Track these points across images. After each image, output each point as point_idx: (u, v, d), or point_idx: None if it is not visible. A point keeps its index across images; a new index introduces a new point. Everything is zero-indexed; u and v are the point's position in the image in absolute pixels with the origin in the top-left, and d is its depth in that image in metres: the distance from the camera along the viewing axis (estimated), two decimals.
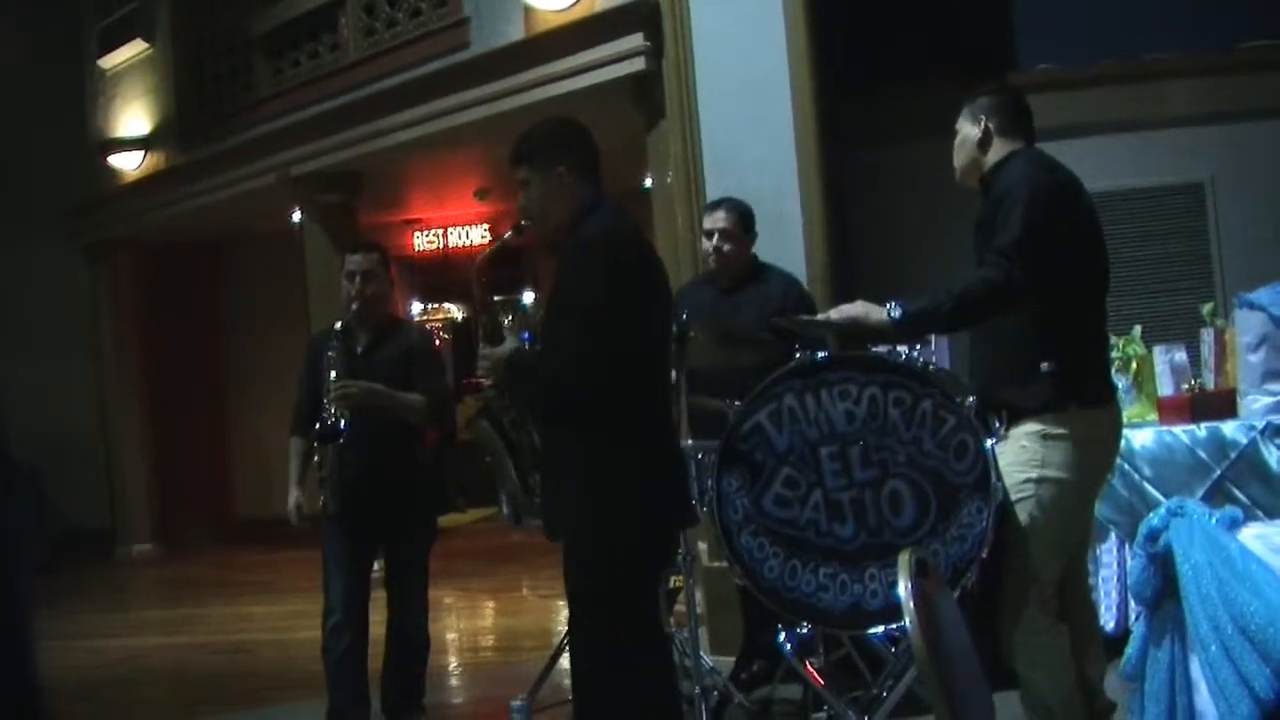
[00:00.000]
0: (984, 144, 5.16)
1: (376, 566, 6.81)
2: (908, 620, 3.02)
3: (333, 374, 6.42)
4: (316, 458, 6.52)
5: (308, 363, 6.79)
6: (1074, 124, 8.83)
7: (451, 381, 6.96)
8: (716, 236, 6.98)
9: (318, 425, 6.39)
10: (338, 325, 6.68)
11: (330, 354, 6.50)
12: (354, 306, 6.61)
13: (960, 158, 5.24)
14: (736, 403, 5.45)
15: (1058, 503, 4.91)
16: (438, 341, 18.62)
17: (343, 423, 6.32)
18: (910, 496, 5.17)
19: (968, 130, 5.23)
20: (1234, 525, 3.97)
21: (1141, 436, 6.84)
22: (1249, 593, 3.77)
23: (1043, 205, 4.79)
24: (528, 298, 18.16)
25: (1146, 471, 6.79)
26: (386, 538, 6.68)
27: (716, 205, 7.19)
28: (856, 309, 5.04)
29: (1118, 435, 5.17)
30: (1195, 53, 9.23)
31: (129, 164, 16.60)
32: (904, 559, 3.18)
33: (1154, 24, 9.18)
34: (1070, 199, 4.96)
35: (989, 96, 5.25)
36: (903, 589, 3.07)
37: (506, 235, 4.99)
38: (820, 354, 5.34)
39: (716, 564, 7.74)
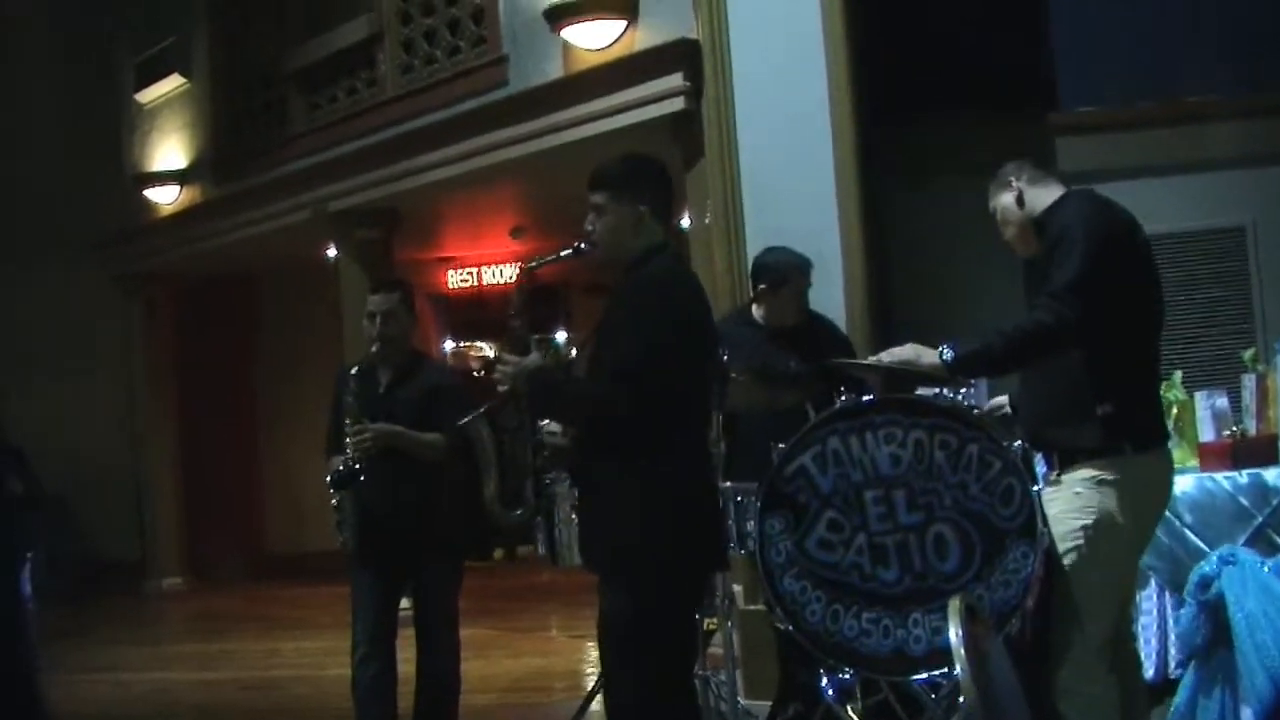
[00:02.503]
0: (1021, 201, 5.15)
1: (406, 604, 6.77)
2: (959, 668, 2.98)
3: (348, 419, 6.46)
4: (334, 501, 6.51)
5: (335, 395, 6.80)
6: (1114, 166, 8.77)
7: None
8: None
9: (333, 473, 6.41)
10: (353, 369, 6.69)
11: (348, 398, 6.53)
12: (374, 348, 6.64)
13: (1010, 229, 5.22)
14: (780, 445, 5.41)
15: (1113, 549, 4.87)
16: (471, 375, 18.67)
17: (358, 468, 6.33)
18: (955, 541, 5.14)
19: (1004, 200, 5.22)
20: None
21: (1182, 482, 6.76)
22: None
23: (1098, 247, 4.77)
24: (560, 336, 18.15)
25: (1187, 518, 6.69)
26: (411, 576, 6.66)
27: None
28: (908, 351, 5.02)
29: (1170, 480, 5.14)
30: (1236, 95, 9.17)
31: (165, 198, 16.67)
32: (954, 605, 3.14)
33: (1195, 66, 9.11)
34: (1126, 240, 4.94)
35: (1007, 163, 5.26)
36: (954, 636, 3.03)
37: (564, 251, 4.93)
38: (865, 397, 5.31)
39: (753, 607, 7.69)
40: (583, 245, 4.85)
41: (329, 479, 6.44)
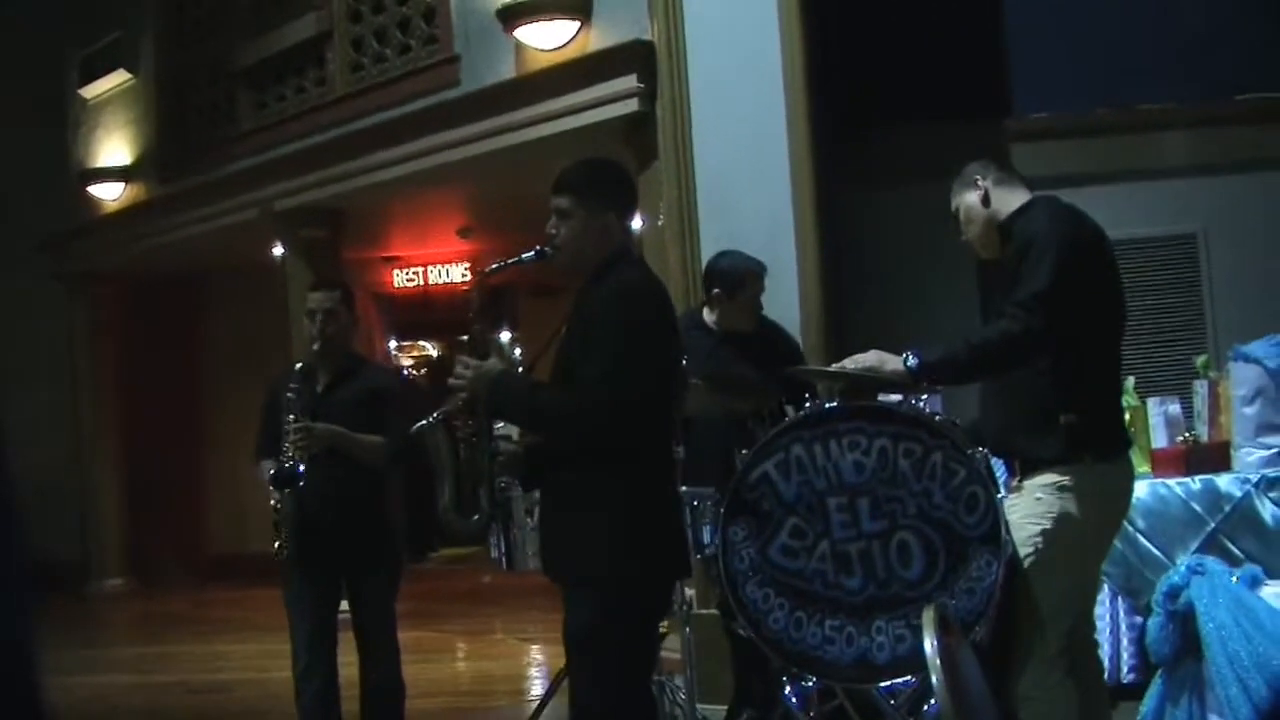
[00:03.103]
0: (987, 201, 5.13)
1: (344, 606, 6.70)
2: (934, 677, 2.97)
3: (291, 416, 6.34)
4: (272, 501, 6.43)
5: (268, 397, 6.70)
6: (1067, 173, 8.80)
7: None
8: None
9: (274, 470, 6.33)
10: (298, 365, 6.59)
11: (289, 395, 6.40)
12: (315, 346, 6.55)
13: (973, 229, 5.20)
14: (744, 451, 5.39)
15: (1072, 555, 4.89)
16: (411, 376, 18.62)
17: (300, 467, 6.26)
18: (919, 548, 5.13)
19: (969, 199, 5.20)
20: (1255, 583, 3.94)
21: (1136, 489, 6.77)
22: None
23: (1068, 257, 4.77)
24: (505, 337, 18.14)
25: (1140, 524, 6.73)
26: (348, 579, 6.59)
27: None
28: (871, 358, 5.01)
29: (1131, 488, 5.15)
30: (1190, 104, 9.24)
31: (109, 194, 16.52)
32: (928, 616, 3.13)
33: (1149, 74, 9.19)
34: (1094, 250, 4.95)
35: (972, 163, 5.25)
36: (928, 645, 3.02)
37: (524, 255, 4.78)
38: (830, 404, 5.30)
39: (703, 611, 7.67)
40: (545, 250, 4.73)
41: (270, 476, 6.35)
